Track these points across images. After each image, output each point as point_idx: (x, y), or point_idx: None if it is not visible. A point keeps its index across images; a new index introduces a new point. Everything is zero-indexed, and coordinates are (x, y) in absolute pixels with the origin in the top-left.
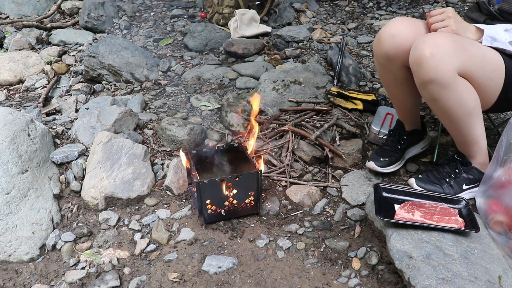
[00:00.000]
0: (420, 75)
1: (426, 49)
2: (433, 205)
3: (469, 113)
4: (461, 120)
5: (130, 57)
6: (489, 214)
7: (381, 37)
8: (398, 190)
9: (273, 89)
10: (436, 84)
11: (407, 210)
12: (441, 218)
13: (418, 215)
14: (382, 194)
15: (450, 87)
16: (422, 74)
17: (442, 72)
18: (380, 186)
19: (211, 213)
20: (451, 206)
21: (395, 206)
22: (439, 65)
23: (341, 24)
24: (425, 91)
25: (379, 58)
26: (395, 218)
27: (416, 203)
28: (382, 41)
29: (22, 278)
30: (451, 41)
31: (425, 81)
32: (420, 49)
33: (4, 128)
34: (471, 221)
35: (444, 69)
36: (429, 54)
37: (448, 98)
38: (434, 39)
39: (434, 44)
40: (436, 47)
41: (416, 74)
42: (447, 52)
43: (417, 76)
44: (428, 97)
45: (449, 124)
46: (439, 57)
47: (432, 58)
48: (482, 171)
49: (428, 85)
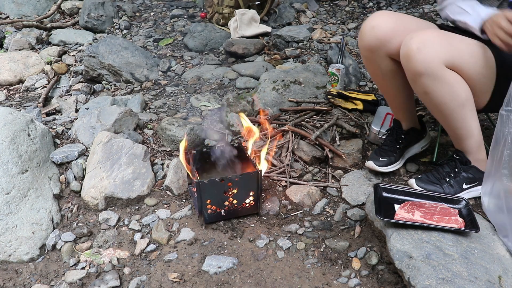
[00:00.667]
0: (409, 69)
1: (413, 44)
2: (433, 205)
3: (461, 105)
4: (454, 113)
5: (130, 57)
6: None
7: (363, 30)
8: (398, 190)
9: (273, 89)
10: (426, 76)
11: (407, 210)
12: (441, 218)
13: (418, 215)
14: (382, 194)
15: (439, 78)
16: (411, 67)
17: (429, 64)
18: (380, 186)
19: (211, 213)
20: (451, 206)
21: (395, 206)
22: (426, 57)
23: (341, 24)
24: (417, 85)
25: (363, 51)
26: (395, 218)
27: (416, 203)
28: (363, 33)
29: (22, 278)
30: (437, 36)
31: (415, 74)
32: (408, 44)
33: (4, 128)
34: (471, 221)
35: (431, 61)
36: (416, 49)
37: (439, 90)
38: (420, 35)
39: (420, 40)
40: (423, 42)
41: (406, 69)
42: (433, 46)
43: (407, 71)
44: (420, 91)
45: (443, 118)
46: (426, 50)
47: (419, 52)
48: (481, 170)
49: (418, 78)
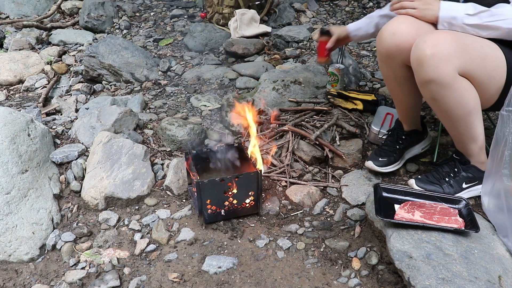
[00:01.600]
0: (420, 75)
1: (427, 48)
2: (433, 205)
3: (469, 113)
4: (461, 119)
5: (130, 57)
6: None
7: (383, 34)
8: (398, 190)
9: (273, 89)
10: (436, 84)
11: (407, 210)
12: (441, 218)
13: (418, 215)
14: (382, 194)
15: (450, 87)
16: (422, 73)
17: (442, 72)
18: (380, 186)
19: (211, 213)
20: (451, 206)
21: (395, 206)
22: (439, 64)
23: (341, 24)
24: (426, 91)
25: (380, 55)
26: (395, 218)
27: (416, 203)
28: (383, 38)
29: (22, 278)
30: (451, 40)
31: (425, 80)
32: (421, 48)
33: (4, 128)
34: (471, 221)
35: (444, 69)
36: (429, 54)
37: (448, 98)
38: (435, 38)
39: (434, 44)
40: (437, 47)
41: (416, 73)
42: (448, 52)
43: (417, 76)
44: (428, 97)
45: (448, 124)
46: (439, 56)
47: (433, 58)
48: (481, 169)
49: (428, 84)
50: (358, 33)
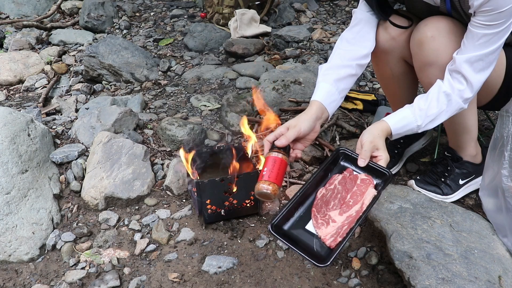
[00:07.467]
0: (420, 57)
1: (428, 31)
2: (334, 191)
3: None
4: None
5: (130, 57)
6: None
7: (377, 31)
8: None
9: (273, 89)
10: (435, 66)
11: (323, 223)
12: (354, 200)
13: (339, 219)
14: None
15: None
16: (422, 56)
17: (442, 55)
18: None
19: (211, 213)
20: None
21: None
22: (439, 47)
23: (341, 24)
24: (424, 75)
25: (375, 51)
26: (329, 245)
27: (317, 204)
28: (377, 34)
29: (22, 278)
30: (453, 26)
31: (424, 63)
32: (422, 31)
33: (4, 128)
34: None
35: (444, 52)
36: (430, 36)
37: None
38: (436, 22)
39: (436, 27)
40: (438, 30)
41: (416, 56)
42: (448, 36)
43: (417, 59)
44: (426, 81)
45: None
46: (440, 39)
47: (433, 40)
48: (474, 163)
49: (427, 68)
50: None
